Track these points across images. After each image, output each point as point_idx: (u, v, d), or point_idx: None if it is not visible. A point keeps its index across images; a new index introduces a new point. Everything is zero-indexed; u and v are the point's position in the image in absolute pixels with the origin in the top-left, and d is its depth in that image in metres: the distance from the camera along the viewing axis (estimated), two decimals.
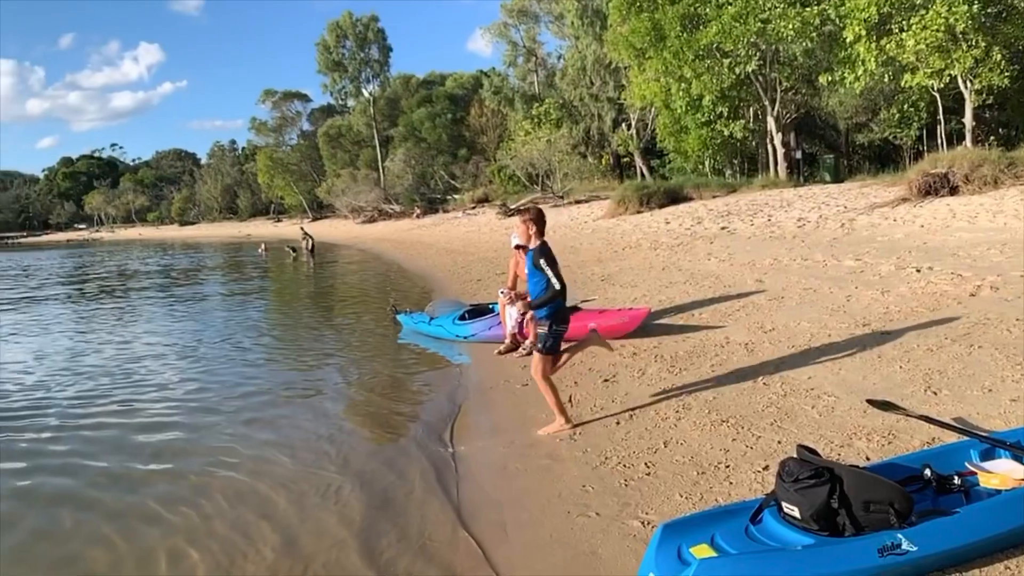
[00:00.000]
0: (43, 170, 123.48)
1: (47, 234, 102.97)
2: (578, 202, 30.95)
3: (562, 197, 33.09)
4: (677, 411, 5.17)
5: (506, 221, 30.51)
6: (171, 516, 4.44)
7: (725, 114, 26.09)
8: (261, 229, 64.17)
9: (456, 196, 48.79)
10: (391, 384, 7.37)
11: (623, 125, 37.77)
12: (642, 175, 35.51)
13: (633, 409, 5.36)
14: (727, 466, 4.17)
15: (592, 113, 39.83)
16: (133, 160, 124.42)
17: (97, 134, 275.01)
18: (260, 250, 34.05)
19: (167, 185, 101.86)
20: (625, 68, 30.64)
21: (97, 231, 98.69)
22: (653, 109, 30.54)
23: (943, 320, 6.53)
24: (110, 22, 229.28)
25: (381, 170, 57.74)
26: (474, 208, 41.21)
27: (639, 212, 21.92)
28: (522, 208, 4.89)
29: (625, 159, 40.58)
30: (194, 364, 9.10)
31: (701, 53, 23.77)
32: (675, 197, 22.90)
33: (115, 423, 6.50)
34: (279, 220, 72.43)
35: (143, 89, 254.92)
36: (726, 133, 26.27)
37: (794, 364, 5.88)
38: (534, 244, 5.11)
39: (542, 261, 4.99)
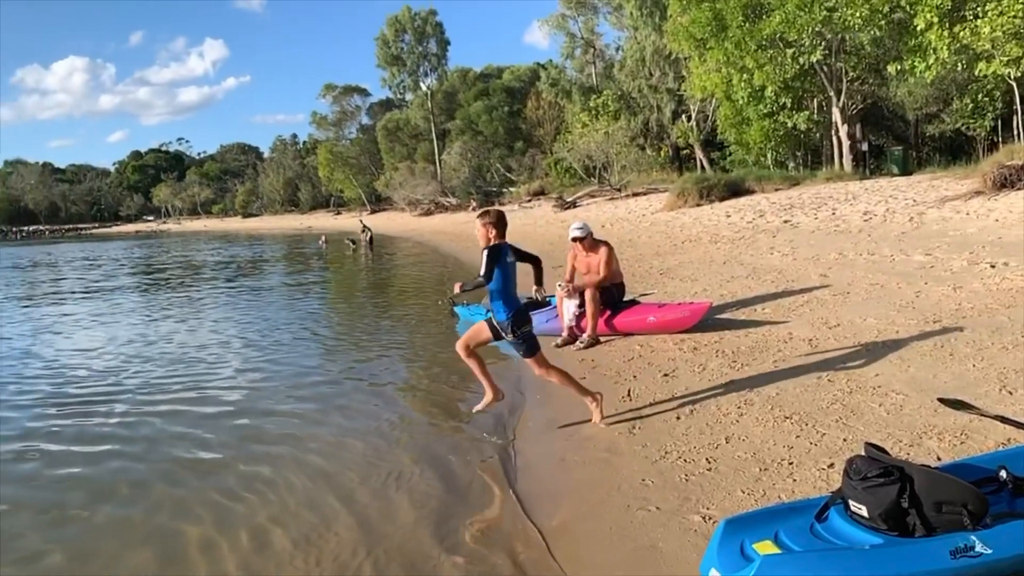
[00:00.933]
0: (114, 163, 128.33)
1: (117, 225, 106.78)
2: (636, 195, 30.68)
3: (619, 190, 32.85)
4: (739, 406, 5.10)
5: (562, 214, 30.46)
6: (251, 496, 4.59)
7: (788, 105, 25.53)
8: (321, 221, 65.40)
9: (512, 189, 48.88)
10: (450, 374, 7.42)
11: (683, 117, 37.30)
12: (702, 167, 35.03)
13: (693, 404, 5.32)
14: (790, 463, 4.10)
15: (651, 105, 39.42)
16: (199, 153, 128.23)
17: (164, 128, 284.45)
18: (320, 242, 34.70)
19: (231, 178, 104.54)
20: (685, 59, 30.21)
21: (164, 223, 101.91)
22: (714, 100, 30.07)
23: (1020, 317, 6.29)
24: (177, 19, 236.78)
25: (438, 163, 58.23)
26: (530, 201, 41.23)
27: (699, 205, 21.63)
28: (482, 211, 4.87)
29: (685, 151, 40.08)
30: (259, 352, 9.34)
31: (764, 43, 23.30)
32: (736, 190, 22.52)
33: (187, 409, 6.72)
34: (339, 213, 73.67)
35: (208, 84, 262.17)
36: (789, 125, 25.71)
37: (860, 361, 5.74)
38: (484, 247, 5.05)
39: (484, 255, 4.98)
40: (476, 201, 47.95)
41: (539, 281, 5.67)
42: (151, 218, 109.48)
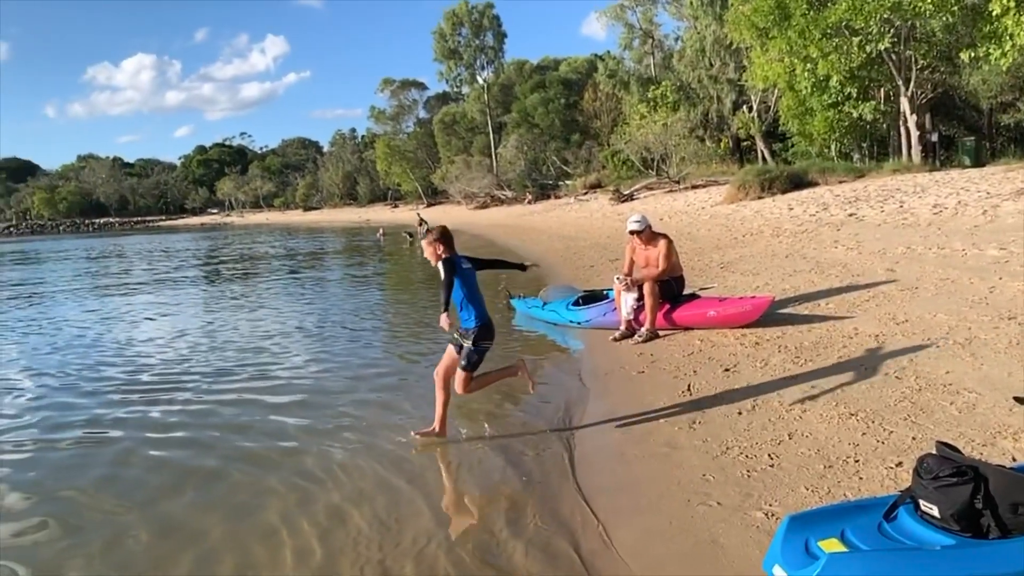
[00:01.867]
0: (179, 158, 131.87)
1: (183, 218, 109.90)
2: (695, 187, 30.25)
3: (678, 182, 32.42)
4: (802, 403, 5.01)
5: (619, 207, 30.23)
6: (327, 478, 4.74)
7: (854, 95, 24.77)
8: (379, 214, 66.18)
9: (568, 182, 48.64)
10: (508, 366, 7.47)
11: (744, 107, 36.58)
12: (763, 159, 34.32)
13: (755, 399, 5.24)
14: (856, 460, 4.02)
15: (711, 95, 38.76)
16: (261, 148, 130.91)
17: (228, 123, 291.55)
18: (378, 235, 35.16)
19: (292, 172, 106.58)
20: (746, 48, 29.56)
21: (228, 215, 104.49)
22: (776, 91, 29.37)
23: None
24: (240, 16, 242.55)
25: (494, 156, 58.32)
26: (586, 194, 40.99)
27: (760, 198, 21.20)
28: (428, 230, 4.86)
29: (745, 143, 39.33)
30: (321, 342, 9.55)
31: (829, 31, 22.66)
32: (799, 182, 22.00)
33: (256, 396, 6.90)
34: (396, 206, 74.48)
35: (269, 80, 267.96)
36: (855, 115, 24.96)
37: (930, 358, 5.58)
38: (436, 263, 5.07)
39: (442, 270, 4.99)
40: (532, 194, 47.92)
41: (520, 267, 5.81)
42: (215, 211, 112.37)
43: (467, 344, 5.02)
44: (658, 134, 34.13)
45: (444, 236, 5.10)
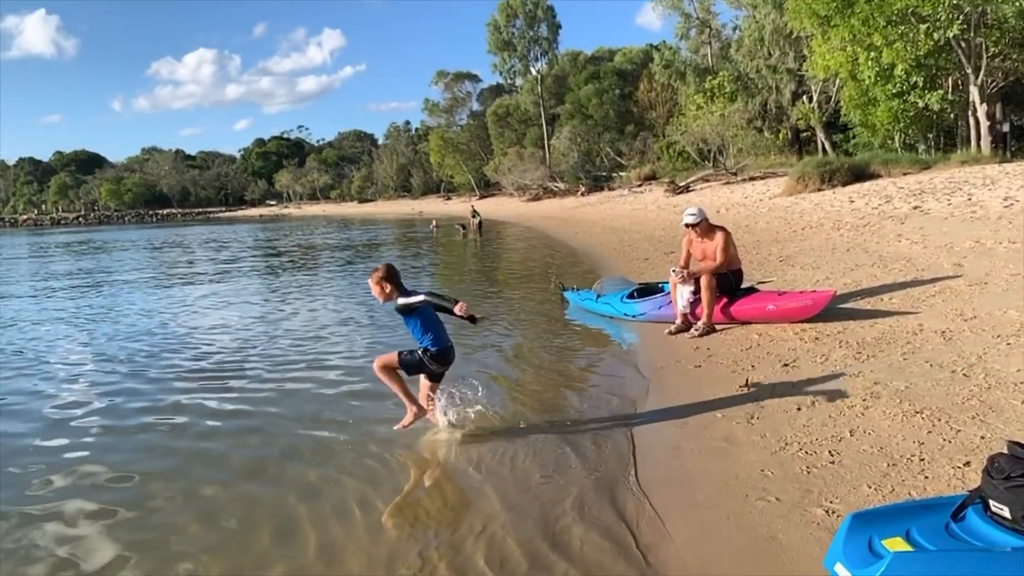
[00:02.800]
0: (239, 150, 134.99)
1: (242, 209, 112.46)
2: (752, 179, 29.73)
3: (735, 174, 31.91)
4: (864, 399, 4.91)
5: (674, 199, 29.91)
6: (394, 462, 4.87)
7: (920, 84, 23.97)
8: (432, 206, 66.75)
9: (622, 173, 48.30)
10: (563, 359, 7.48)
11: (803, 98, 35.74)
12: (823, 151, 33.51)
13: (815, 395, 5.15)
14: (921, 459, 3.93)
15: (769, 85, 37.98)
16: (317, 141, 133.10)
17: (285, 116, 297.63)
18: (431, 226, 35.46)
19: (347, 164, 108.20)
20: (807, 37, 28.88)
21: (286, 207, 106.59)
22: (837, 80, 28.62)
23: None
24: (297, 11, 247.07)
25: (547, 148, 58.22)
26: (640, 186, 40.64)
27: (820, 190, 20.73)
28: (371, 271, 4.83)
29: (805, 134, 38.45)
30: (377, 331, 9.70)
31: (894, 18, 21.98)
32: (860, 174, 21.42)
33: (312, 385, 7.05)
34: (449, 198, 75.02)
35: (326, 73, 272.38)
36: (920, 105, 24.16)
37: (1000, 355, 5.39)
38: (389, 300, 5.02)
39: (401, 300, 4.95)
40: (585, 186, 47.70)
41: (448, 311, 5.22)
42: (273, 202, 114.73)
43: (425, 357, 5.02)
44: (715, 125, 33.62)
45: (390, 274, 5.03)
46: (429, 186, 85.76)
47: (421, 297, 4.92)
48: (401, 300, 4.94)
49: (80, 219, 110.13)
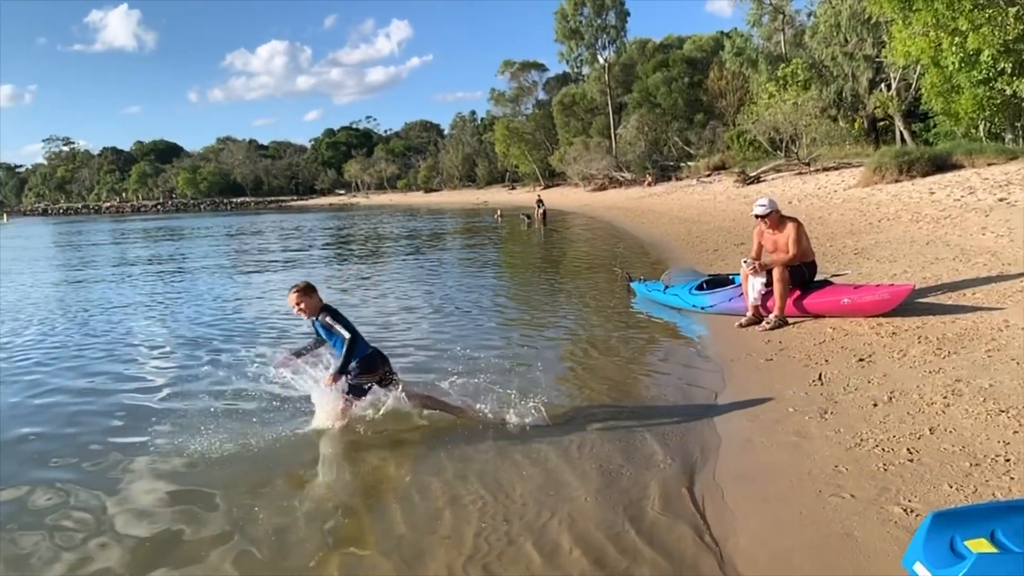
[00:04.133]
0: (309, 140, 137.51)
1: (312, 198, 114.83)
2: (826, 169, 28.86)
3: (808, 164, 31.04)
4: (945, 397, 4.75)
5: (744, 189, 29.33)
6: (471, 447, 4.93)
7: (1008, 71, 22.83)
8: (497, 196, 66.94)
9: (690, 163, 47.54)
10: (631, 350, 7.43)
11: (881, 86, 34.52)
12: (902, 140, 32.31)
13: (892, 391, 5.01)
14: (1007, 460, 3.78)
15: (845, 73, 36.75)
16: (385, 131, 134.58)
17: (354, 107, 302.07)
18: (496, 216, 35.60)
19: (414, 154, 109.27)
20: (887, 22, 27.82)
21: (354, 196, 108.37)
22: (918, 67, 27.51)
23: None
24: (367, 2, 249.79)
25: (613, 137, 57.72)
26: (709, 175, 39.95)
27: (898, 181, 20.01)
28: (291, 289, 4.87)
29: (882, 123, 37.14)
30: (444, 319, 9.83)
31: (981, 2, 20.98)
32: (941, 164, 20.58)
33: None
34: (513, 188, 75.12)
35: (394, 64, 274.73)
36: (1008, 92, 23.00)
37: None
38: (314, 315, 5.15)
39: (329, 319, 5.12)
40: (652, 176, 47.14)
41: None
42: (342, 192, 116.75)
43: (348, 378, 5.09)
44: (787, 114, 32.72)
45: (309, 291, 5.25)
46: (494, 176, 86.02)
47: (348, 336, 5.11)
48: (330, 321, 5.14)
49: (158, 207, 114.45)
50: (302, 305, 5.20)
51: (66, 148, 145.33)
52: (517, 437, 5.04)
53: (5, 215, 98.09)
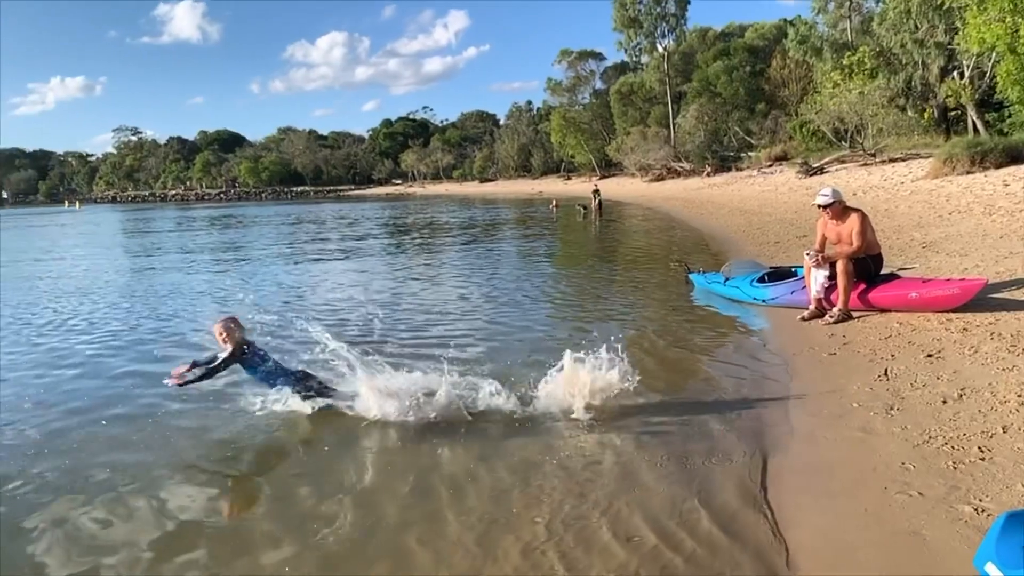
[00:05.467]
0: (367, 130, 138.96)
1: (370, 188, 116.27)
2: (892, 161, 28.02)
3: (873, 155, 30.17)
4: (1019, 395, 4.58)
5: (807, 180, 28.70)
6: (517, 433, 4.98)
7: None
8: (552, 187, 66.79)
9: (751, 153, 46.67)
10: (691, 342, 7.36)
11: (954, 74, 33.24)
12: (975, 130, 31.12)
13: (962, 388, 4.86)
14: None
15: (915, 61, 35.48)
16: (441, 121, 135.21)
17: (411, 97, 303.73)
18: (551, 206, 35.52)
19: (470, 144, 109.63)
20: (960, 8, 26.78)
21: (411, 186, 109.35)
22: (994, 54, 26.42)
23: None
24: None
25: (672, 127, 56.99)
26: (770, 166, 39.19)
27: (970, 172, 19.28)
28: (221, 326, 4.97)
29: (954, 112, 35.79)
30: (497, 307, 9.87)
31: None
32: (1017, 156, 19.73)
33: (440, 355, 7.26)
34: (569, 178, 74.82)
35: (451, 54, 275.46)
36: None
37: None
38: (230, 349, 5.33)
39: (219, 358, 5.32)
40: (711, 166, 46.44)
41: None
42: (399, 182, 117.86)
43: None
44: (853, 103, 31.84)
45: (236, 327, 5.48)
46: (549, 166, 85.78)
47: (222, 357, 5.33)
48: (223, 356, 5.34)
49: (221, 195, 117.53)
50: (219, 340, 5.47)
51: (134, 138, 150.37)
52: (588, 426, 5.02)
53: (77, 202, 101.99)
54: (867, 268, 7.44)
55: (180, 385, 5.31)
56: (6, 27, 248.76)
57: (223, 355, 5.33)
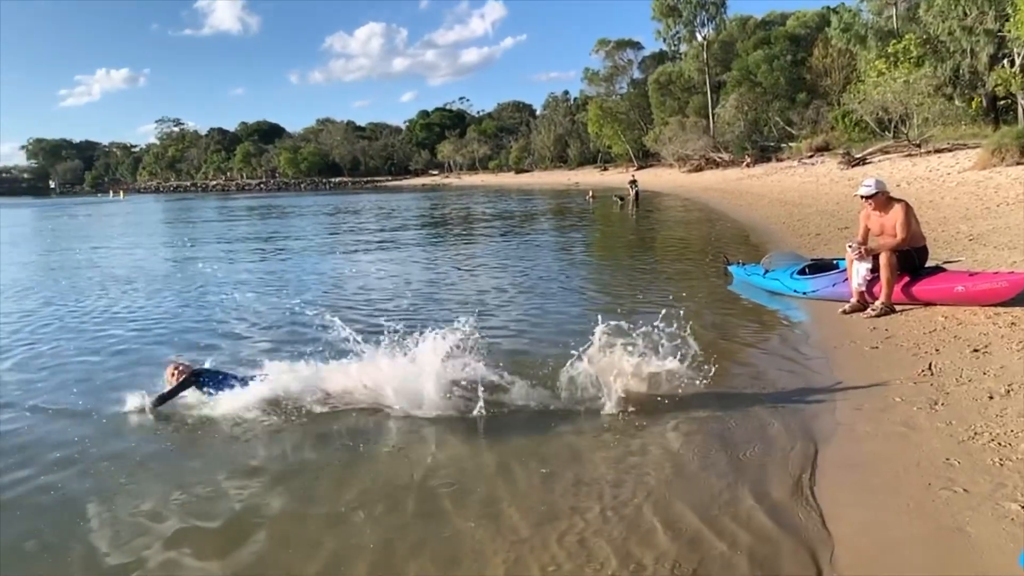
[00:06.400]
0: (404, 122, 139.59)
1: (406, 179, 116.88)
2: (938, 151, 27.38)
3: (918, 145, 29.51)
4: None
5: (849, 171, 28.19)
6: (561, 422, 4.97)
7: None
8: (588, 177, 66.46)
9: (792, 144, 45.95)
10: (729, 334, 7.27)
11: (1004, 62, 32.34)
12: None
13: (1011, 384, 4.75)
14: None
15: (963, 48, 34.58)
16: (477, 112, 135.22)
17: (448, 88, 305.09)
18: (587, 197, 35.41)
19: (506, 135, 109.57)
20: None
21: (447, 177, 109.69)
22: None
23: None
24: None
25: (711, 117, 56.37)
26: (811, 157, 38.54)
27: (1020, 163, 18.78)
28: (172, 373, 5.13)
29: (1003, 101, 34.84)
30: (531, 298, 9.89)
31: None
32: None
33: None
34: (605, 169, 74.40)
35: (487, 45, 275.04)
36: None
37: None
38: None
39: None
40: (751, 156, 45.85)
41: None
42: (435, 172, 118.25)
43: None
44: (898, 92, 31.17)
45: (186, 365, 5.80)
46: (585, 157, 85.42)
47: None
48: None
49: (261, 185, 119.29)
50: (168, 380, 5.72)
51: (176, 129, 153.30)
52: (631, 416, 5.00)
53: (122, 192, 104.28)
54: (911, 260, 7.30)
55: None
56: (55, 21, 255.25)
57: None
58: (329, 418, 5.29)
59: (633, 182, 30.82)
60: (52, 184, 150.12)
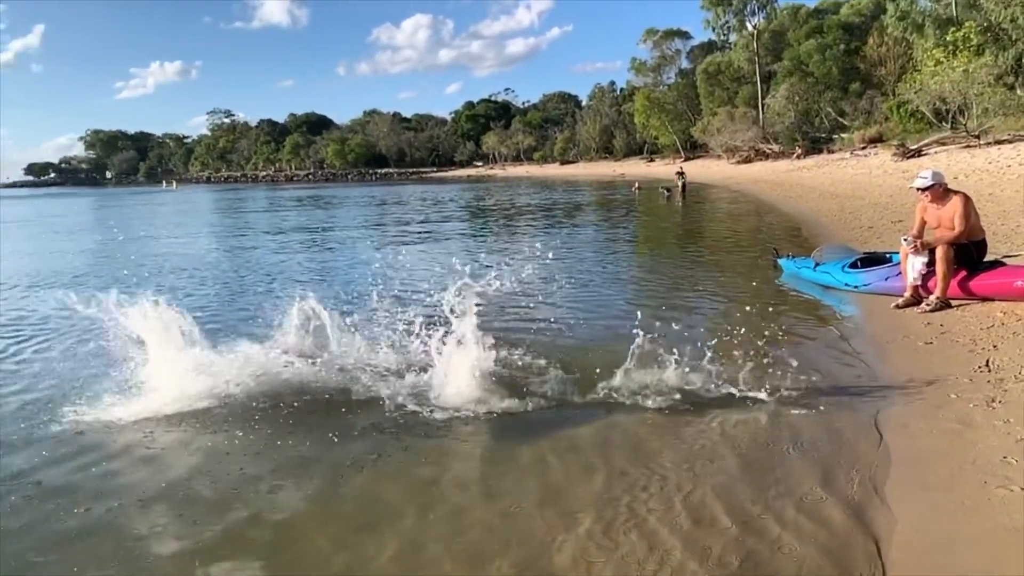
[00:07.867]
0: (449, 113, 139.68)
1: (452, 170, 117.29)
2: (999, 143, 26.52)
3: (977, 136, 28.62)
4: None
5: (903, 163, 27.49)
6: (602, 415, 4.99)
7: None
8: (634, 169, 65.96)
9: (844, 135, 44.95)
10: (779, 327, 7.14)
11: None
12: None
13: None
14: None
15: None
16: (523, 103, 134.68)
17: (493, 79, 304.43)
18: (633, 188, 35.18)
19: (551, 126, 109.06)
20: None
21: (491, 168, 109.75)
22: None
23: None
24: None
25: (760, 107, 55.42)
26: (864, 148, 37.66)
27: None
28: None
29: None
30: (583, 291, 9.89)
31: None
32: None
33: (524, 336, 7.34)
34: (651, 160, 73.68)
35: (533, 35, 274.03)
36: None
37: None
38: None
39: None
40: (801, 148, 44.99)
41: None
42: (480, 164, 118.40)
43: None
44: (956, 82, 30.24)
45: None
46: (631, 148, 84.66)
47: None
48: None
49: (309, 176, 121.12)
50: None
51: (227, 120, 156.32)
52: (675, 409, 4.96)
53: (175, 182, 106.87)
54: (969, 254, 7.11)
55: None
56: (111, 17, 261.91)
57: None
58: (363, 408, 5.37)
59: (680, 173, 30.53)
60: (109, 174, 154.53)
